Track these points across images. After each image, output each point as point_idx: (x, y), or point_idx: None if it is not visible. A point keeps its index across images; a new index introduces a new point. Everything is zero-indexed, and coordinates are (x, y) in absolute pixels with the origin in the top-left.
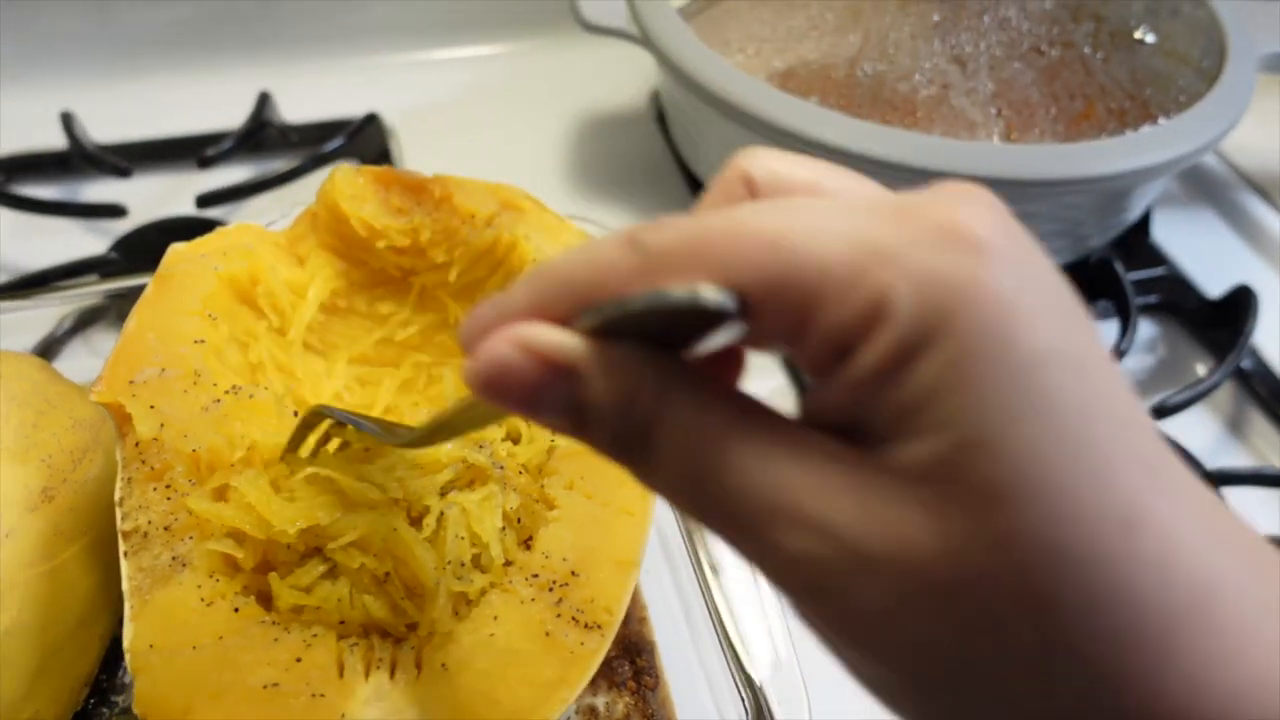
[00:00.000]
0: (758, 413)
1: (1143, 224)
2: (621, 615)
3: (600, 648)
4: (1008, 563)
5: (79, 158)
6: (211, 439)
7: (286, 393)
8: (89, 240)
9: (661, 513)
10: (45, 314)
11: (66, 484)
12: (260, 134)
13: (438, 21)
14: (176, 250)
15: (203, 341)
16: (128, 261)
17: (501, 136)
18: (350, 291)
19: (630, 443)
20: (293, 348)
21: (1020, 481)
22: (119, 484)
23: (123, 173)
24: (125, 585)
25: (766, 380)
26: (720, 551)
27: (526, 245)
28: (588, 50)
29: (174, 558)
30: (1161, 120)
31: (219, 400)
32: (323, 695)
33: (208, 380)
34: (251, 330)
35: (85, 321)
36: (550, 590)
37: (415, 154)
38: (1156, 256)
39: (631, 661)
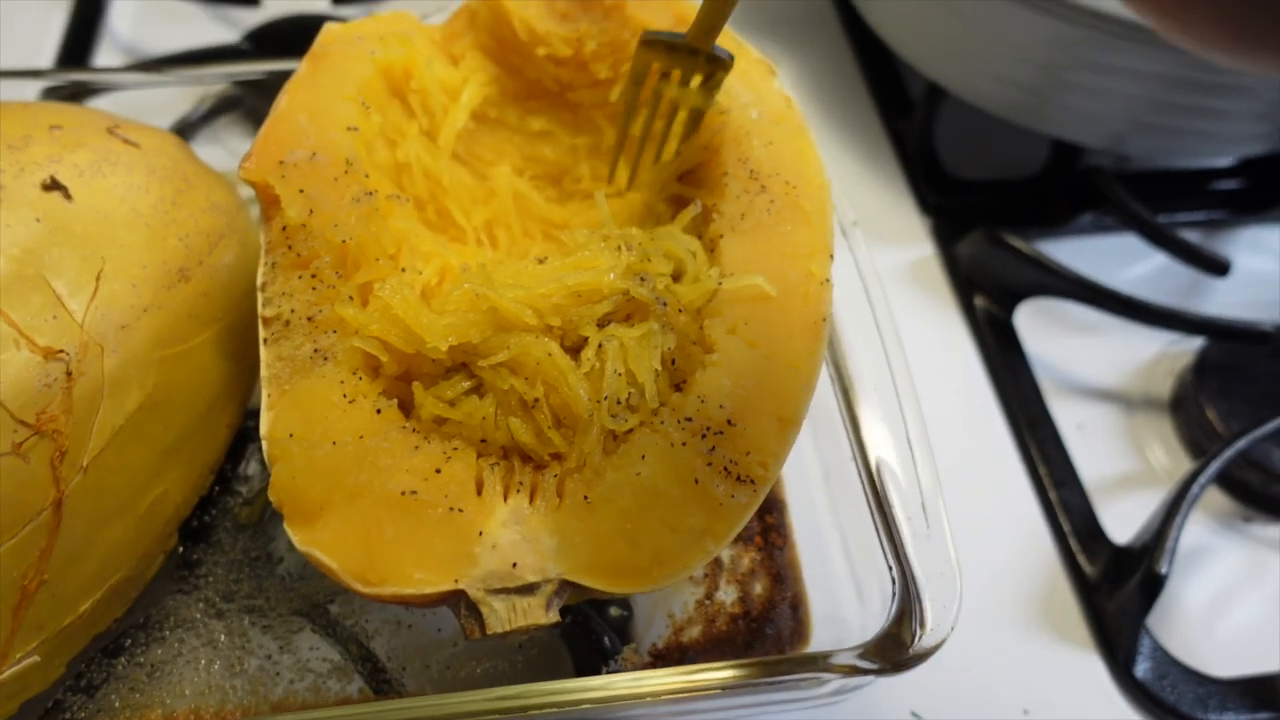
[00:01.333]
0: None
1: None
2: (777, 473)
3: (752, 503)
4: None
5: None
6: (360, 232)
7: (430, 200)
8: (218, 29)
9: None
10: (175, 101)
11: (202, 267)
12: None
13: None
14: (331, 30)
15: (356, 129)
16: (259, 53)
17: None
18: (502, 101)
19: None
20: (441, 154)
21: None
22: (261, 268)
23: None
24: (264, 372)
25: (915, 248)
26: (869, 419)
27: None
28: None
29: (315, 350)
30: None
31: (370, 193)
32: (461, 510)
33: (359, 171)
34: (401, 128)
35: (215, 112)
36: (703, 437)
37: None
38: None
39: (761, 518)
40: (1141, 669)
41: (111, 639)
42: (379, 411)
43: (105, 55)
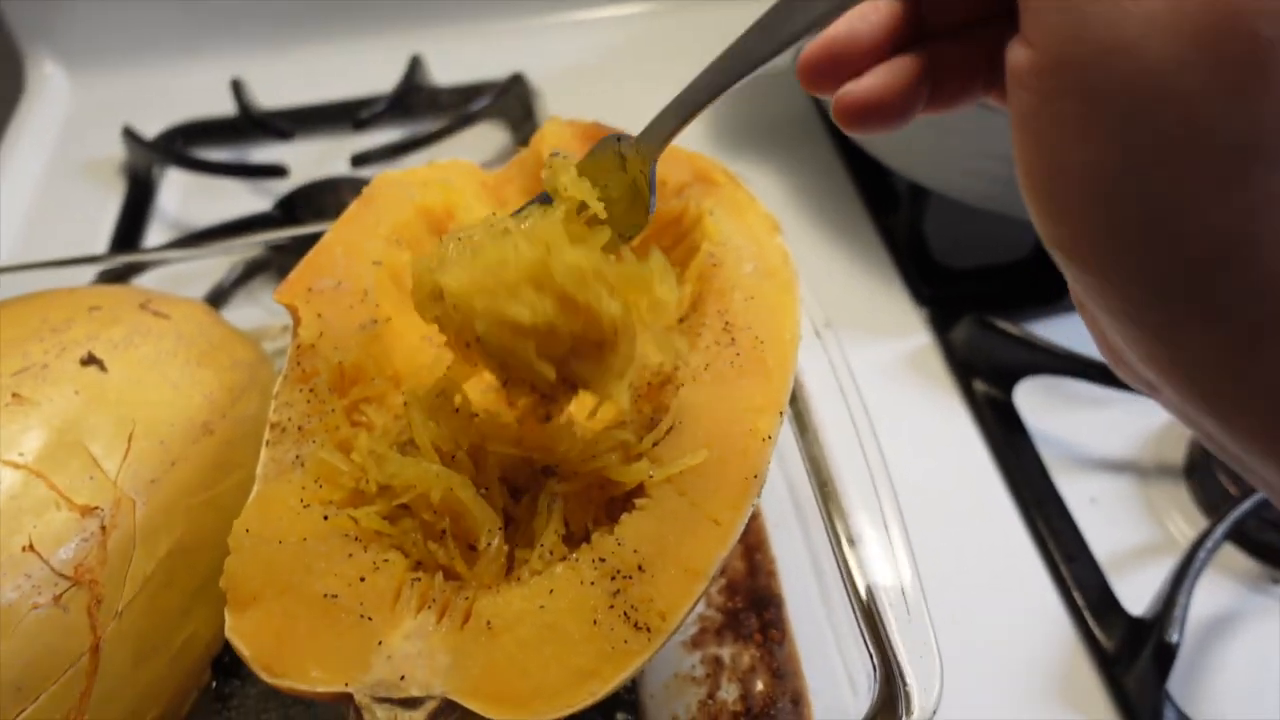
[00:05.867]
0: None
1: None
2: (676, 624)
3: (644, 651)
4: None
5: (247, 123)
6: (358, 355)
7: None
8: (253, 199)
9: (794, 468)
10: (214, 266)
11: (225, 419)
12: (411, 96)
13: None
14: (385, 176)
15: (379, 264)
16: (288, 218)
17: (646, 96)
18: None
19: None
20: None
21: None
22: (279, 379)
23: (285, 136)
24: (258, 471)
25: (912, 340)
26: (855, 516)
27: (710, 222)
28: (733, 7)
29: (297, 456)
30: None
31: (375, 321)
32: (370, 619)
33: (372, 300)
34: None
35: (248, 274)
36: (612, 579)
37: (556, 108)
38: None
39: (759, 615)
40: None
41: None
42: (326, 518)
43: (155, 230)
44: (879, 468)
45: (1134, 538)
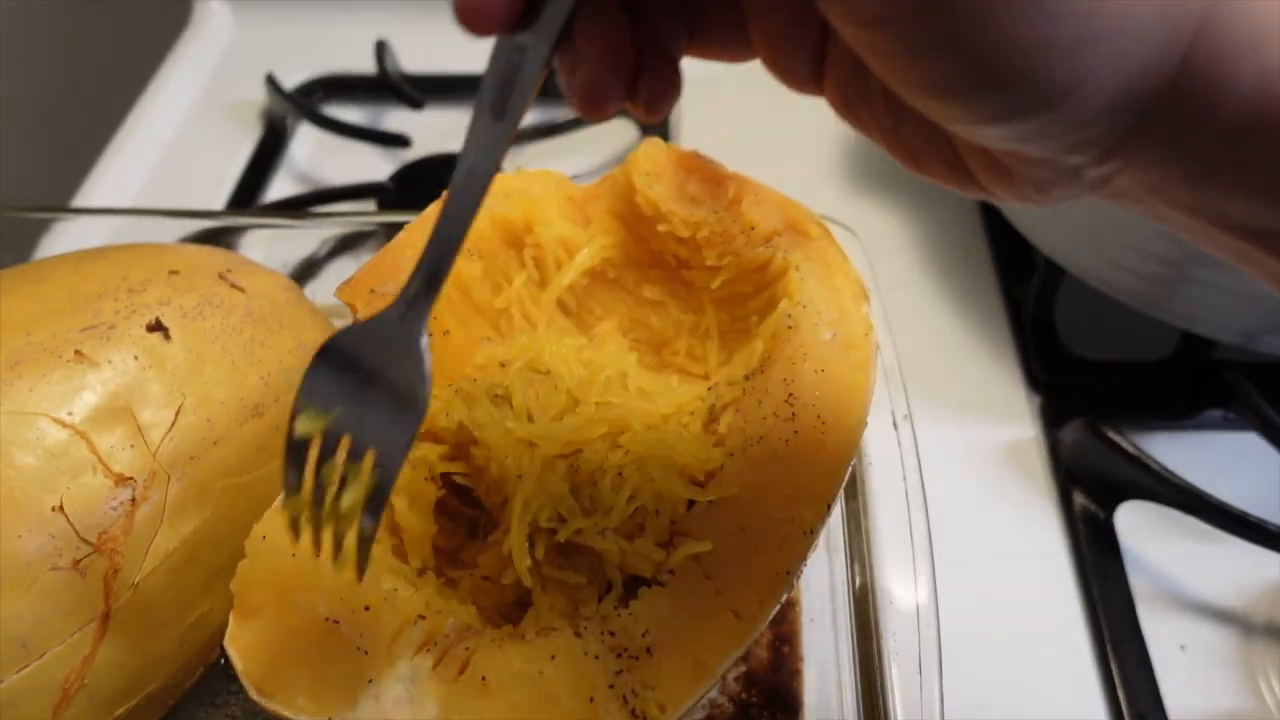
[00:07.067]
0: None
1: None
2: (674, 718)
3: None
4: None
5: (383, 85)
6: None
7: (532, 343)
8: (377, 162)
9: (840, 568)
10: (315, 233)
11: (278, 403)
12: (548, 80)
13: None
14: None
15: None
16: (400, 191)
17: (786, 113)
18: (623, 264)
19: None
20: (546, 304)
21: None
22: None
23: (415, 105)
24: None
25: (1017, 429)
26: (887, 653)
27: (794, 278)
28: None
29: None
30: None
31: (430, 333)
32: (366, 653)
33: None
34: (509, 275)
35: (352, 242)
36: (618, 656)
37: (694, 121)
38: None
39: (772, 715)
40: None
41: None
42: None
43: (280, 180)
44: (927, 601)
45: (1220, 700)
